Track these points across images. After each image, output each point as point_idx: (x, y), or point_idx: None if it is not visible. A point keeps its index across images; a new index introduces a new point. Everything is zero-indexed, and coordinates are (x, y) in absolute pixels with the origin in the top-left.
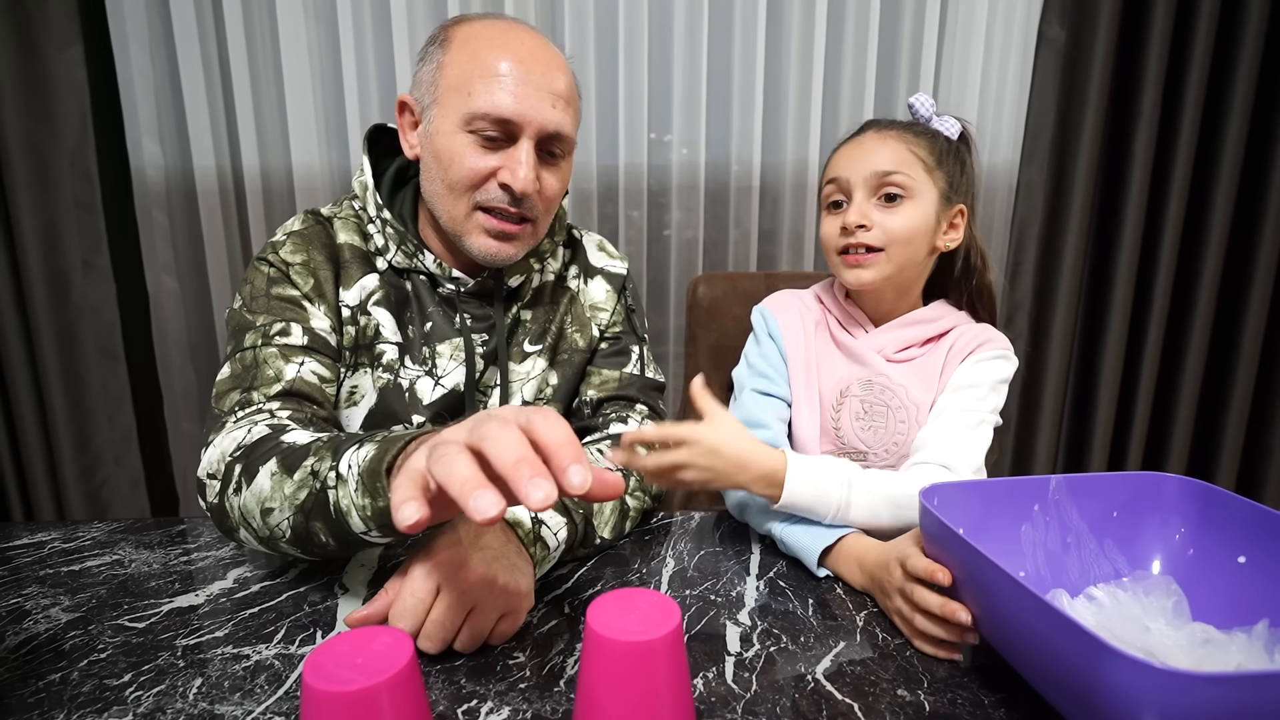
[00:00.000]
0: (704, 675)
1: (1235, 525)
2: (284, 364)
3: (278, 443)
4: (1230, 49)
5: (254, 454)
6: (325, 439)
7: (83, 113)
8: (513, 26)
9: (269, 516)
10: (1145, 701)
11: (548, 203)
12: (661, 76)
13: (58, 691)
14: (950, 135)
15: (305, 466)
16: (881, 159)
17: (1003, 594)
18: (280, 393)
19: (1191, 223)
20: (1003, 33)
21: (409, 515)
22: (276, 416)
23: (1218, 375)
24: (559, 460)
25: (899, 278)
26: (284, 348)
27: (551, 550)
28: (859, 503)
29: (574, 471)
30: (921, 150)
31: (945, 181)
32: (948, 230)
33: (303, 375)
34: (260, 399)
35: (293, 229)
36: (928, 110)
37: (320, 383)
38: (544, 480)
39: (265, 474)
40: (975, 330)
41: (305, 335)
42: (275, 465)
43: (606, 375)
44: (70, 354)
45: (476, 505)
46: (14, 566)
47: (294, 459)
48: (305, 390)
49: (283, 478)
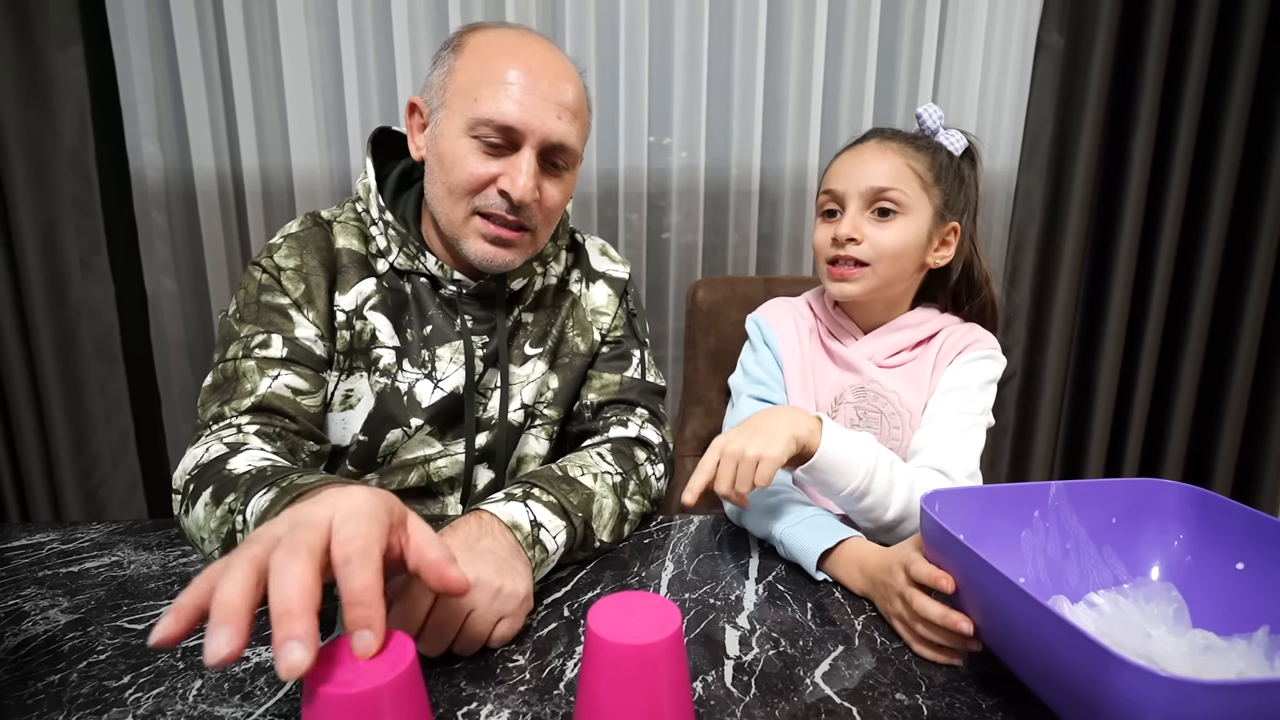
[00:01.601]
0: (703, 678)
1: (1234, 532)
2: (259, 378)
3: (220, 469)
4: (1228, 55)
5: (203, 476)
6: (255, 472)
7: (82, 112)
8: (526, 36)
9: (203, 544)
10: (1150, 710)
11: (548, 213)
12: (662, 80)
13: (57, 693)
14: (954, 151)
15: (226, 502)
16: (878, 173)
17: (1005, 601)
18: (250, 407)
19: (1189, 229)
20: (1002, 39)
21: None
22: (243, 432)
23: (1214, 381)
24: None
25: (885, 292)
26: (262, 361)
27: (550, 553)
28: (882, 476)
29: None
30: (920, 166)
31: (941, 199)
32: (939, 247)
33: (275, 390)
34: (231, 413)
35: (290, 231)
36: (935, 122)
37: (295, 395)
38: (297, 644)
39: (201, 503)
40: (962, 330)
41: (285, 347)
42: (209, 495)
43: (607, 379)
44: (68, 355)
45: (208, 646)
46: (12, 568)
47: (224, 490)
48: (276, 405)
49: (212, 508)
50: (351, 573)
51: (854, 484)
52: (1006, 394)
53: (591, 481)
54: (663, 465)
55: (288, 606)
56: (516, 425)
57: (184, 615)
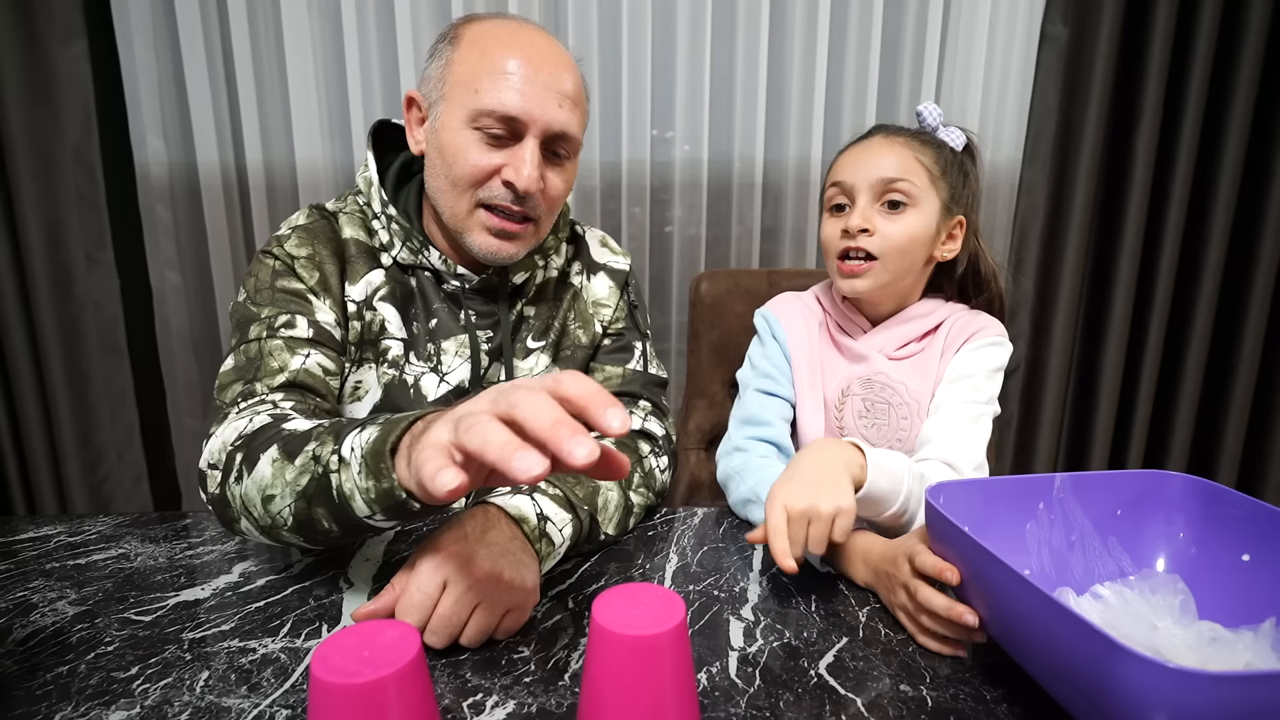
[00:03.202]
0: (708, 669)
1: (1239, 524)
2: (289, 356)
3: (279, 430)
4: (1233, 47)
5: (255, 442)
6: (327, 424)
7: (86, 107)
8: (523, 26)
9: (270, 504)
10: (1158, 701)
11: (551, 203)
12: (664, 73)
13: (65, 684)
14: (955, 147)
15: (307, 451)
16: (887, 165)
17: (1011, 593)
18: (284, 384)
19: (1193, 220)
20: (1005, 30)
21: (448, 481)
22: (279, 407)
23: (1219, 373)
24: (594, 410)
25: (894, 286)
26: (289, 340)
27: (557, 546)
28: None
29: (612, 415)
30: (927, 159)
31: (948, 192)
32: (946, 241)
33: (307, 367)
34: (263, 390)
35: (298, 223)
36: (935, 120)
37: (325, 375)
38: (584, 438)
39: (266, 461)
40: (968, 317)
41: (310, 328)
42: (276, 452)
43: (610, 371)
44: (73, 349)
45: (520, 465)
46: (19, 560)
47: (295, 444)
48: (309, 383)
49: (284, 464)
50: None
51: (893, 509)
52: (1011, 387)
53: None
54: (667, 458)
55: (554, 418)
56: None
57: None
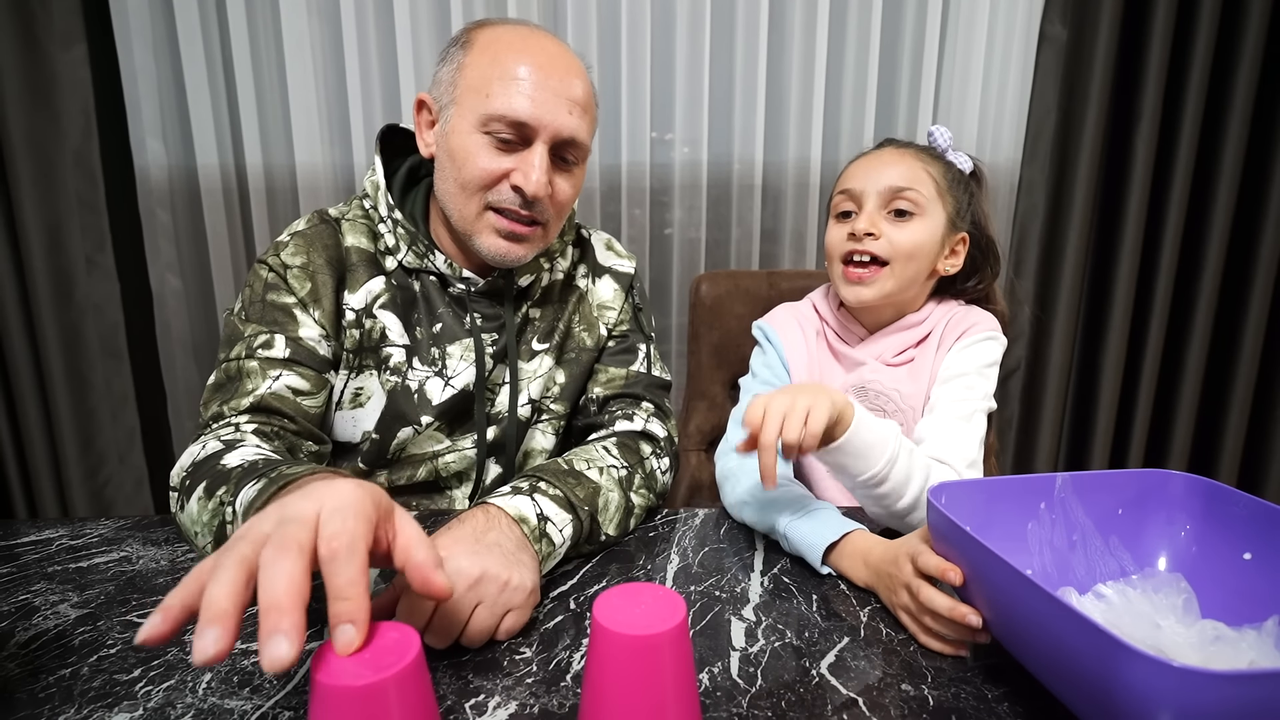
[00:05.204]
0: (709, 670)
1: (1241, 522)
2: (260, 379)
3: (215, 465)
4: (1232, 46)
5: (196, 473)
6: (246, 465)
7: (86, 111)
8: (535, 33)
9: (196, 538)
10: (1162, 700)
11: (559, 208)
12: (664, 75)
13: (68, 686)
14: (963, 169)
15: (218, 495)
16: (896, 174)
17: (1014, 592)
18: (249, 407)
19: (1193, 220)
20: (1004, 30)
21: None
22: (240, 430)
23: (1219, 372)
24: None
25: (898, 297)
26: (264, 361)
27: (557, 547)
28: (901, 464)
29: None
30: (935, 171)
31: (954, 207)
32: (949, 255)
33: (275, 390)
34: (230, 413)
35: (297, 229)
36: (945, 142)
37: (295, 396)
38: (281, 640)
39: (195, 497)
40: (961, 313)
41: (289, 347)
42: (202, 490)
43: (613, 373)
44: (74, 352)
45: (197, 644)
46: (21, 563)
47: (215, 485)
48: (276, 405)
49: (205, 501)
50: (337, 568)
51: (875, 469)
52: (1011, 387)
53: (597, 475)
54: (668, 459)
55: (276, 601)
56: (524, 420)
57: (172, 615)
